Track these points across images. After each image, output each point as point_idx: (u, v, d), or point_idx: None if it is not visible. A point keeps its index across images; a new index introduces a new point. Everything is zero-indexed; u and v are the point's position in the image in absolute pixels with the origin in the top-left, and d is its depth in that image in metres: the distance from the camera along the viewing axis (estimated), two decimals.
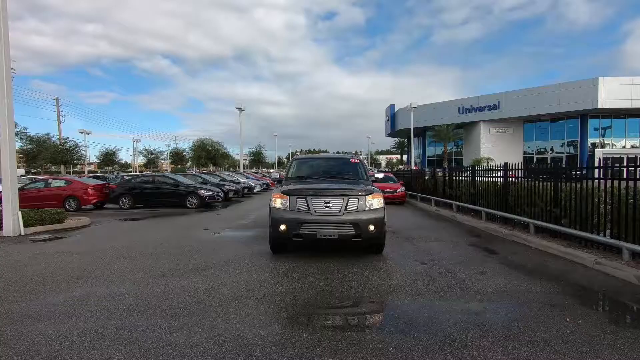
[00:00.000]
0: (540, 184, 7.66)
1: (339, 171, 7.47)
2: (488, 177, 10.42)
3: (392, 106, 48.73)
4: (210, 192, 15.36)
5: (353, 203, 5.91)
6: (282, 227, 5.90)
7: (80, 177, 16.85)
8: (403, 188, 16.40)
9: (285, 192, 6.10)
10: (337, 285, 4.75)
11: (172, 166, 66.89)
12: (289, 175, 7.39)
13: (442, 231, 9.11)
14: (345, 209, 5.86)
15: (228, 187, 18.30)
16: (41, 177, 16.53)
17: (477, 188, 10.77)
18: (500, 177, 9.43)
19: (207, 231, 9.25)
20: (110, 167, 63.76)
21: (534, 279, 5.00)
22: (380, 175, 7.58)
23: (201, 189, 15.38)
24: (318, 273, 5.32)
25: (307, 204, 5.88)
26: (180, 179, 16.34)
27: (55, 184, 15.09)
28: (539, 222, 7.44)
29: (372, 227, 5.85)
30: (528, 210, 7.97)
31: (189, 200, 15.02)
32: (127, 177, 18.05)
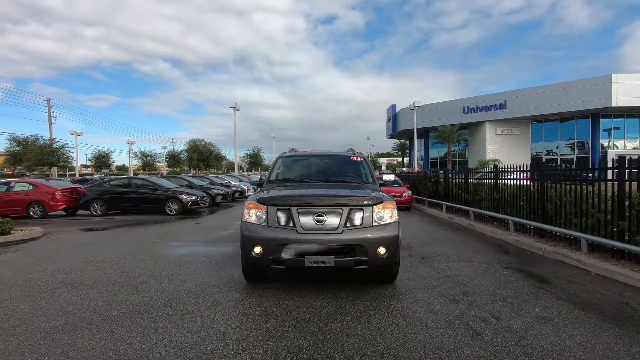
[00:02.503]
0: (594, 187, 6.00)
1: (336, 172, 5.80)
2: (511, 179, 8.81)
3: (393, 106, 47.09)
4: (193, 197, 13.66)
5: (356, 216, 4.24)
6: (257, 249, 4.22)
7: (48, 180, 15.16)
8: (409, 192, 14.73)
9: (262, 201, 4.42)
10: (332, 347, 3.06)
11: (169, 169, 65.17)
12: (272, 178, 5.72)
13: (463, 246, 7.43)
14: (346, 225, 4.19)
15: (216, 191, 16.58)
16: (2, 180, 14.82)
17: (501, 193, 9.09)
18: (534, 179, 7.75)
19: (175, 246, 7.57)
20: (108, 170, 62.02)
21: (632, 334, 3.31)
22: (390, 177, 5.91)
23: (183, 193, 13.67)
24: (305, 320, 3.64)
25: (292, 218, 4.21)
26: (161, 182, 14.64)
27: (19, 187, 13.40)
28: (596, 238, 5.76)
29: (382, 250, 4.18)
30: (577, 221, 6.29)
31: (168, 206, 13.32)
32: (104, 180, 16.30)
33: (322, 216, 4.18)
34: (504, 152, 34.34)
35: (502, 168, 9.32)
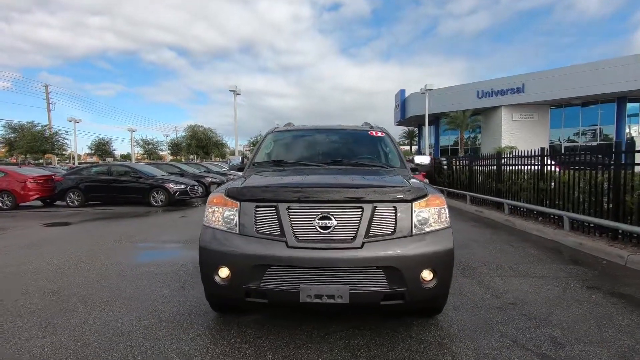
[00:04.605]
0: None
1: (349, 152, 4.13)
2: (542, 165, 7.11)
3: (402, 91, 44.83)
4: (182, 186, 12.07)
5: (385, 218, 2.58)
6: (222, 272, 2.60)
7: (20, 167, 13.69)
8: (427, 181, 13.01)
9: (232, 194, 2.77)
10: None
11: (173, 157, 64.02)
12: (258, 160, 4.10)
13: (510, 250, 5.76)
14: (368, 233, 2.53)
15: (210, 180, 15.03)
16: None
17: (548, 182, 7.36)
18: (603, 166, 6.02)
19: (141, 248, 6.01)
20: (112, 158, 60.88)
21: None
22: (424, 160, 4.21)
23: (170, 181, 12.09)
24: None
25: (280, 221, 2.56)
26: (146, 169, 13.06)
27: None
28: None
29: (428, 275, 2.55)
30: None
31: (153, 196, 11.75)
32: (82, 167, 14.80)
33: (329, 218, 2.53)
34: (520, 139, 32.23)
35: (549, 152, 7.55)
